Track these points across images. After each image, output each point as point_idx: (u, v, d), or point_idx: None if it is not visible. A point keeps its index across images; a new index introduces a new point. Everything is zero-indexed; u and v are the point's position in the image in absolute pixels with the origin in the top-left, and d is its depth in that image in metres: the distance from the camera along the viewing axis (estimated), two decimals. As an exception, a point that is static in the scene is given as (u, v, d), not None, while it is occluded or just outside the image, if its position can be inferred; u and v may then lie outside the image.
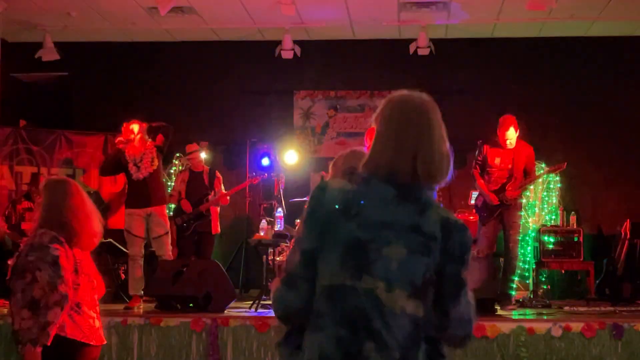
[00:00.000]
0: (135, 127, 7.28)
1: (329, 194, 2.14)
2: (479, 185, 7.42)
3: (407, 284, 2.06)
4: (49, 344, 3.33)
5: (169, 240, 7.44)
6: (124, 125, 7.32)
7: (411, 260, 2.07)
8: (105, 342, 3.72)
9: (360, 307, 2.06)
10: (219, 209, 8.51)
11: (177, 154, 9.55)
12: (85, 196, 3.69)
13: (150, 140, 7.35)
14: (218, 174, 8.47)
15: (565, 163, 7.60)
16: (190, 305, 6.54)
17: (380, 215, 2.09)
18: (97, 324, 3.64)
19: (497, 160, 7.38)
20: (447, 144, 2.18)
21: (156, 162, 7.29)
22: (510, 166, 7.35)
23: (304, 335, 2.13)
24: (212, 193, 8.32)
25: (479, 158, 7.48)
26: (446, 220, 2.12)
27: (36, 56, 9.49)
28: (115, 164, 7.40)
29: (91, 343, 3.57)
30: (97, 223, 3.66)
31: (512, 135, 7.29)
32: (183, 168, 9.16)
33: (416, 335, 2.08)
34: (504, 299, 6.97)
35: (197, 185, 8.30)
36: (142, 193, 7.22)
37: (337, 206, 2.11)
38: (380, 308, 2.05)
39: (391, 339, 2.04)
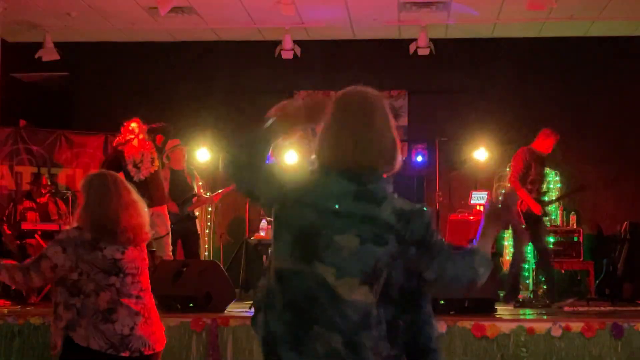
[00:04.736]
0: (134, 126, 7.26)
1: (288, 178, 2.23)
2: (523, 195, 7.20)
3: (357, 272, 2.13)
4: None
5: (170, 241, 7.43)
6: (124, 125, 7.30)
7: (363, 250, 2.13)
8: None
9: (307, 292, 2.12)
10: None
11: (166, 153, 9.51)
12: (121, 189, 3.60)
13: (149, 140, 7.33)
14: (196, 174, 8.41)
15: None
16: (191, 305, 6.54)
17: (336, 206, 2.15)
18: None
19: (544, 169, 7.50)
20: (392, 133, 2.24)
21: (156, 163, 7.28)
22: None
23: (262, 312, 2.20)
24: (200, 193, 8.27)
25: (524, 167, 7.30)
26: (401, 210, 2.18)
27: (36, 56, 9.49)
28: (115, 165, 7.36)
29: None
30: (127, 217, 3.56)
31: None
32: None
33: (365, 320, 2.14)
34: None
35: (179, 184, 8.11)
36: (143, 194, 7.14)
37: (294, 191, 2.18)
38: (329, 293, 2.11)
39: (337, 324, 2.10)
